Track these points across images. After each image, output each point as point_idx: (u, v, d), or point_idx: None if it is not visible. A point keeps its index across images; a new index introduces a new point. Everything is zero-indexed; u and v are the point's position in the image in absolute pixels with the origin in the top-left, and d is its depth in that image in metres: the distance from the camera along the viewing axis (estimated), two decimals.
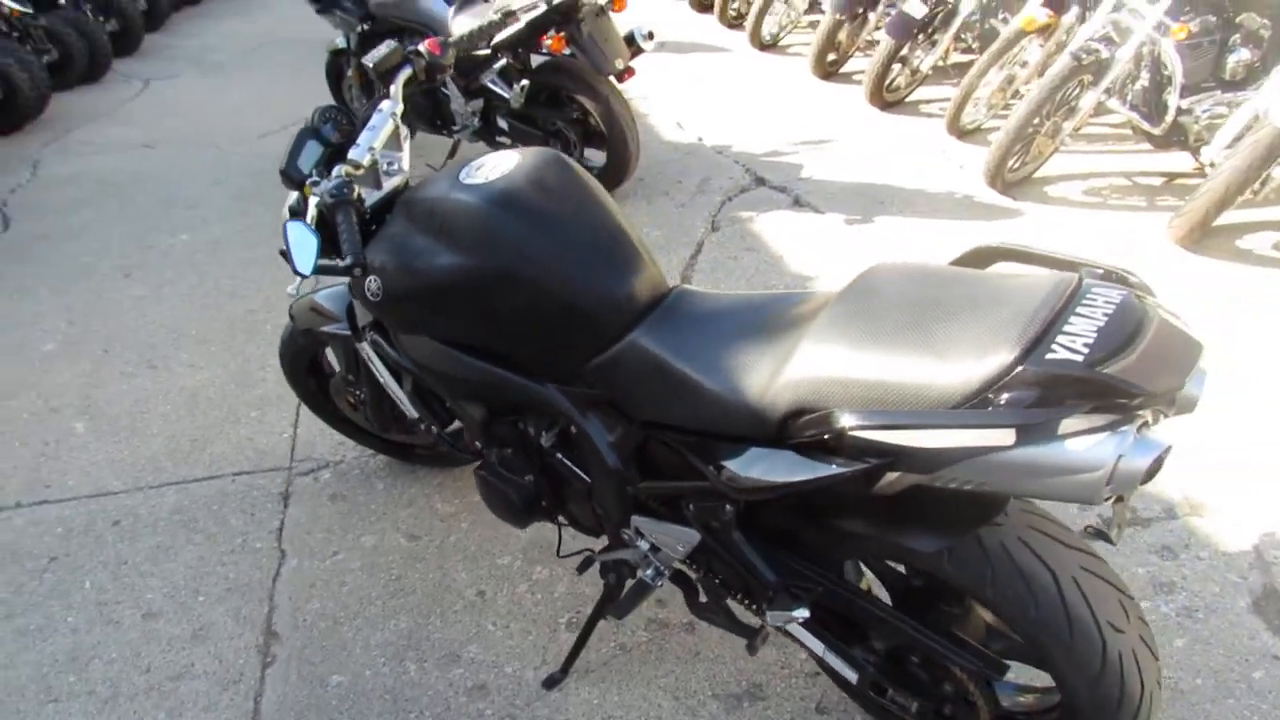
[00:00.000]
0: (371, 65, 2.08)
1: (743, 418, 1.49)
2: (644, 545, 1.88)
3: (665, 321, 1.70)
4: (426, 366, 1.94)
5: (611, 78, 4.32)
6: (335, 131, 2.03)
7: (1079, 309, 1.26)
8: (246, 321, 3.72)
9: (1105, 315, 1.24)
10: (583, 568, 2.06)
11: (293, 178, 1.93)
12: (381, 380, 2.21)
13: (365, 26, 5.01)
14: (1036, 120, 4.30)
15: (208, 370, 3.40)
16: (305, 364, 2.57)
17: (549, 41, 4.20)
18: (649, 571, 1.91)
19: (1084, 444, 1.20)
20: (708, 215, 4.47)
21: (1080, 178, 4.71)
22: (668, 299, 1.76)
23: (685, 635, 2.23)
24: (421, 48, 2.14)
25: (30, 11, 6.72)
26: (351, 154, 1.92)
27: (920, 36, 5.65)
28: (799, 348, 1.43)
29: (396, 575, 2.46)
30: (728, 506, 1.65)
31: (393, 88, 2.09)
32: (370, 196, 1.98)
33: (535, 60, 4.51)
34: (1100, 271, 1.38)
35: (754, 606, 1.76)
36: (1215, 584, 2.28)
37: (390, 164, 2.04)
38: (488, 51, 4.45)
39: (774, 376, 1.45)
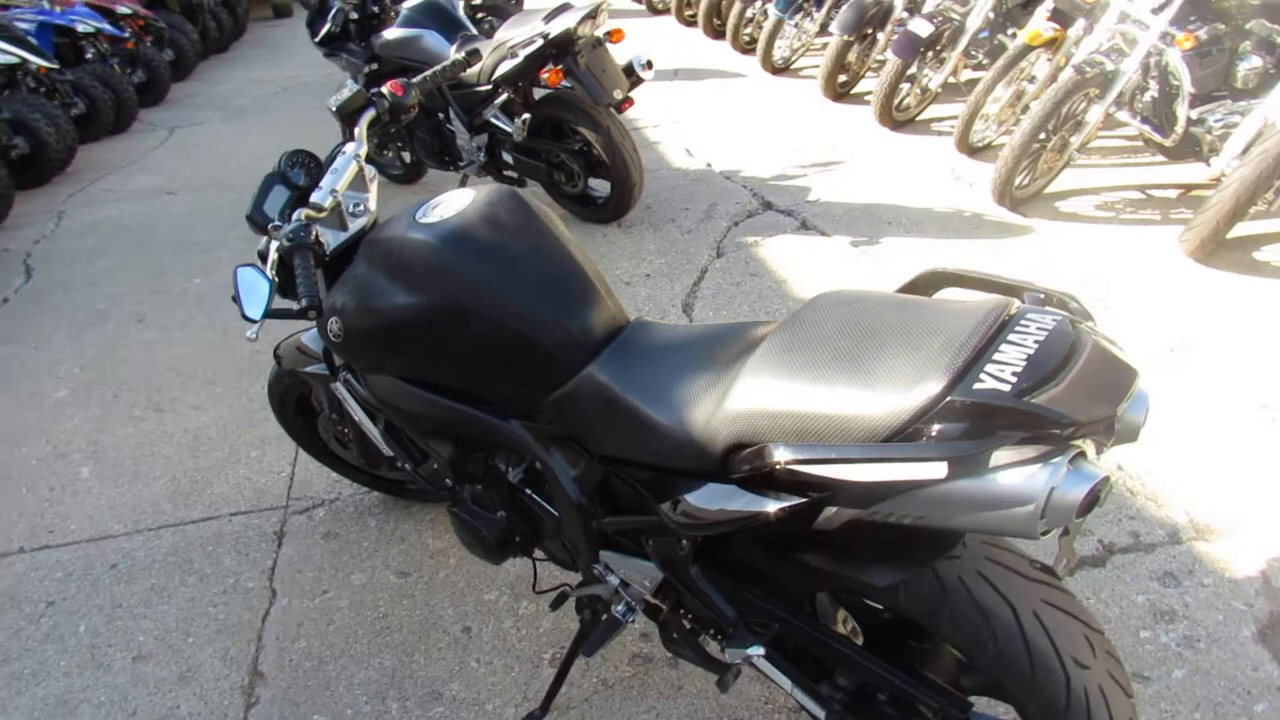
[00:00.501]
0: (335, 109, 2.10)
1: (688, 451, 1.47)
2: (613, 580, 1.86)
3: (619, 355, 1.68)
4: (393, 405, 1.94)
5: (611, 108, 4.34)
6: (303, 175, 2.05)
7: (1011, 336, 1.22)
8: (252, 362, 3.77)
9: (1036, 343, 1.20)
10: (556, 603, 2.04)
11: (258, 222, 1.96)
12: (356, 419, 2.21)
13: (371, 67, 5.10)
14: (1042, 136, 4.25)
15: (212, 411, 3.44)
16: (293, 403, 2.59)
17: (546, 75, 4.22)
18: (620, 607, 1.89)
19: (1015, 476, 1.16)
20: (713, 241, 4.46)
21: (1093, 192, 4.64)
22: (624, 332, 1.75)
23: (668, 670, 2.19)
24: (385, 89, 2.16)
25: (57, 67, 6.92)
26: (313, 197, 1.93)
27: (929, 54, 5.62)
28: (737, 380, 1.41)
29: (384, 613, 2.45)
30: (684, 541, 1.62)
31: (356, 130, 2.11)
32: (336, 238, 2.00)
33: (539, 93, 4.55)
34: (1041, 296, 1.35)
35: (718, 641, 1.73)
36: (1219, 612, 2.21)
37: (356, 205, 2.05)
38: (489, 87, 4.51)
39: (715, 410, 1.43)
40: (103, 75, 7.53)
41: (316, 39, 5.86)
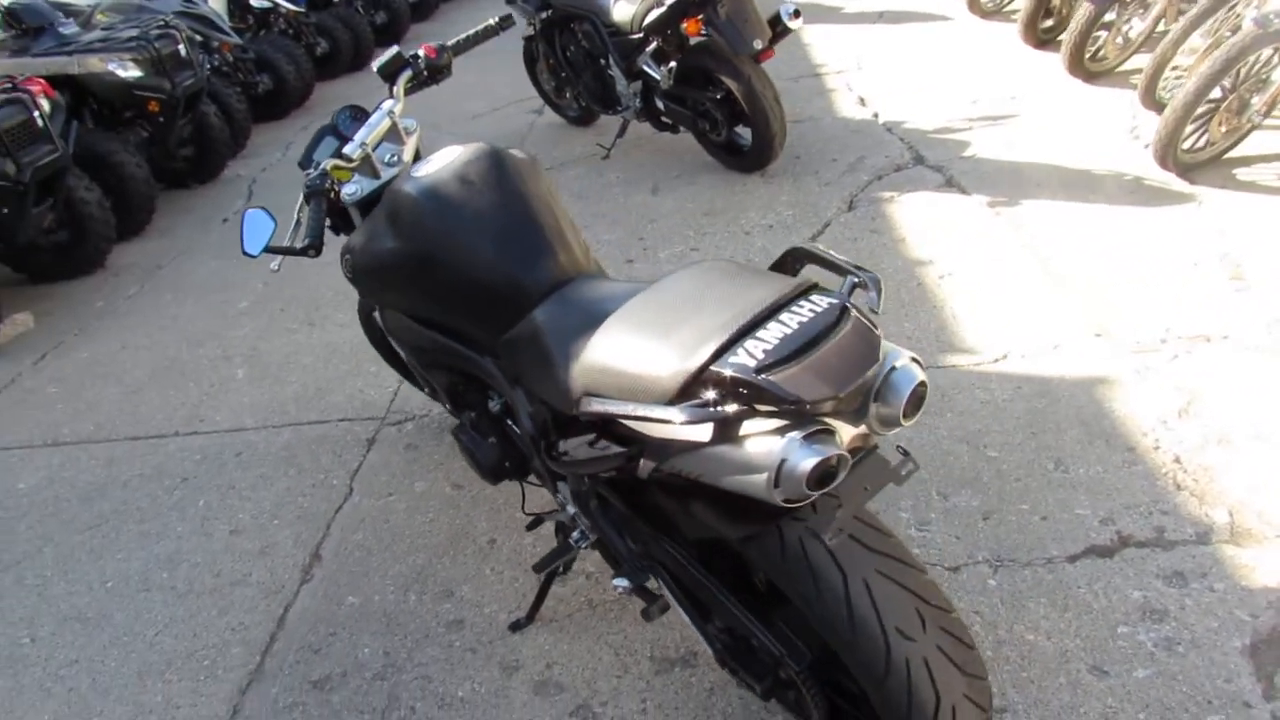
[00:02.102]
0: (377, 69, 2.36)
1: (570, 397, 1.63)
2: (570, 509, 2.04)
3: (557, 304, 1.84)
4: (398, 336, 2.21)
5: (752, 58, 4.36)
6: (352, 127, 2.33)
7: (783, 315, 1.29)
8: None
9: (799, 323, 1.27)
10: (531, 525, 2.26)
11: (302, 166, 2.26)
12: (394, 347, 2.51)
13: (544, 15, 5.37)
14: (1217, 95, 3.86)
15: (352, 330, 3.89)
16: (377, 327, 2.94)
17: (686, 25, 4.31)
18: (576, 533, 2.08)
19: (757, 445, 1.25)
20: (848, 195, 4.42)
21: None
22: (571, 283, 1.90)
23: None
24: (420, 52, 2.39)
25: (303, 10, 7.72)
26: (345, 149, 2.21)
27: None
28: (595, 334, 1.54)
29: (431, 518, 2.77)
30: (585, 479, 1.78)
31: (395, 88, 2.36)
32: (369, 186, 2.27)
33: (695, 41, 4.64)
34: (856, 280, 1.39)
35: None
36: (1215, 619, 2.08)
37: (391, 157, 2.31)
38: (641, 35, 4.65)
39: (579, 360, 1.57)
40: (345, 17, 8.31)
41: None
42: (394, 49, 2.39)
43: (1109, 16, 5.20)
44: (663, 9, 4.39)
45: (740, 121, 4.63)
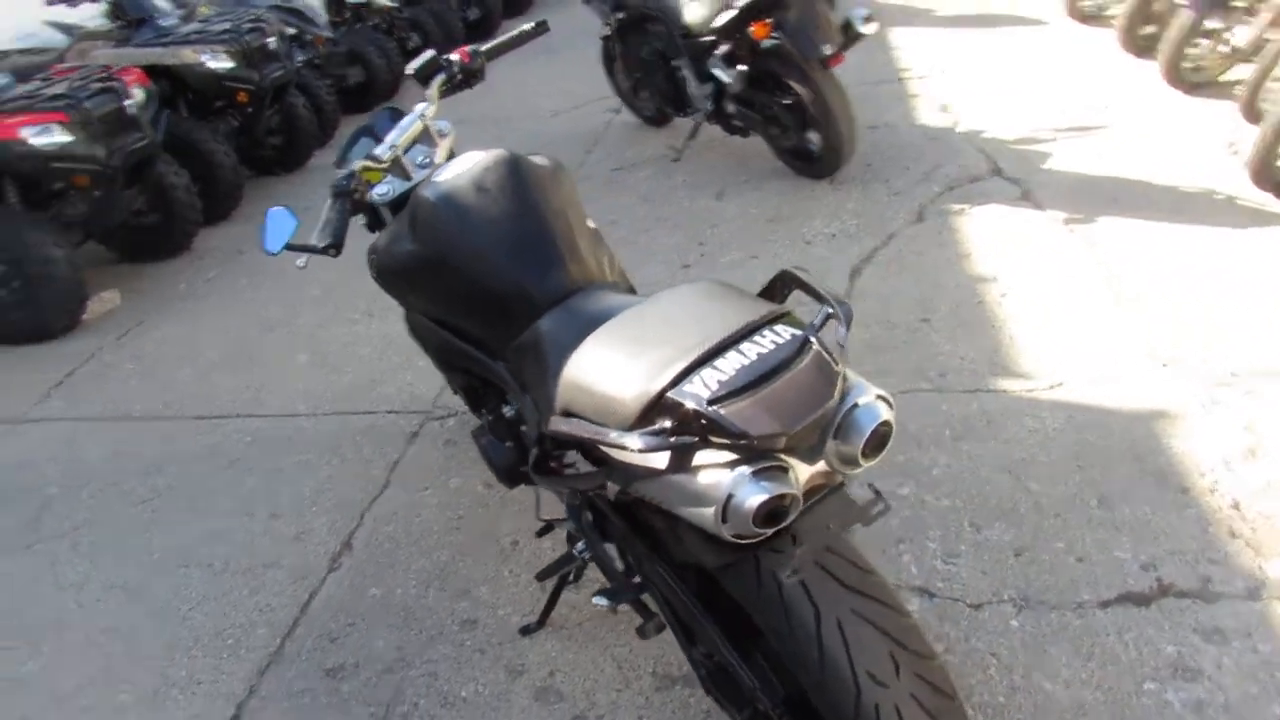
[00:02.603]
0: (411, 72, 2.39)
1: (552, 411, 1.62)
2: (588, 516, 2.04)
3: (562, 314, 1.84)
4: (419, 336, 2.24)
5: (820, 63, 4.29)
6: (388, 129, 2.36)
7: (745, 344, 1.26)
8: None
9: (758, 354, 1.24)
10: (541, 532, 2.27)
11: (338, 167, 2.30)
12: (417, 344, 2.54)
13: (619, 15, 5.37)
14: None
15: None
16: None
17: (753, 28, 4.26)
18: (579, 544, 2.07)
19: (708, 478, 1.22)
20: (917, 206, 4.31)
21: None
22: (579, 294, 1.89)
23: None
24: (454, 56, 2.41)
25: (396, 5, 7.89)
26: (375, 150, 2.24)
27: (1235, 4, 4.89)
28: (578, 350, 1.52)
29: (460, 515, 2.81)
30: (580, 493, 1.78)
31: (429, 91, 2.39)
32: (399, 187, 2.30)
33: (766, 44, 4.58)
34: (829, 311, 1.34)
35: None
36: (1256, 684, 1.96)
37: (423, 159, 2.34)
38: (712, 38, 4.61)
39: (559, 375, 1.56)
40: (438, 12, 8.45)
41: None
42: (429, 53, 2.42)
43: (1211, 24, 4.94)
44: (732, 12, 4.35)
45: (810, 127, 4.55)
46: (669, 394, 1.25)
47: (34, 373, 4.05)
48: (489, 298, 1.91)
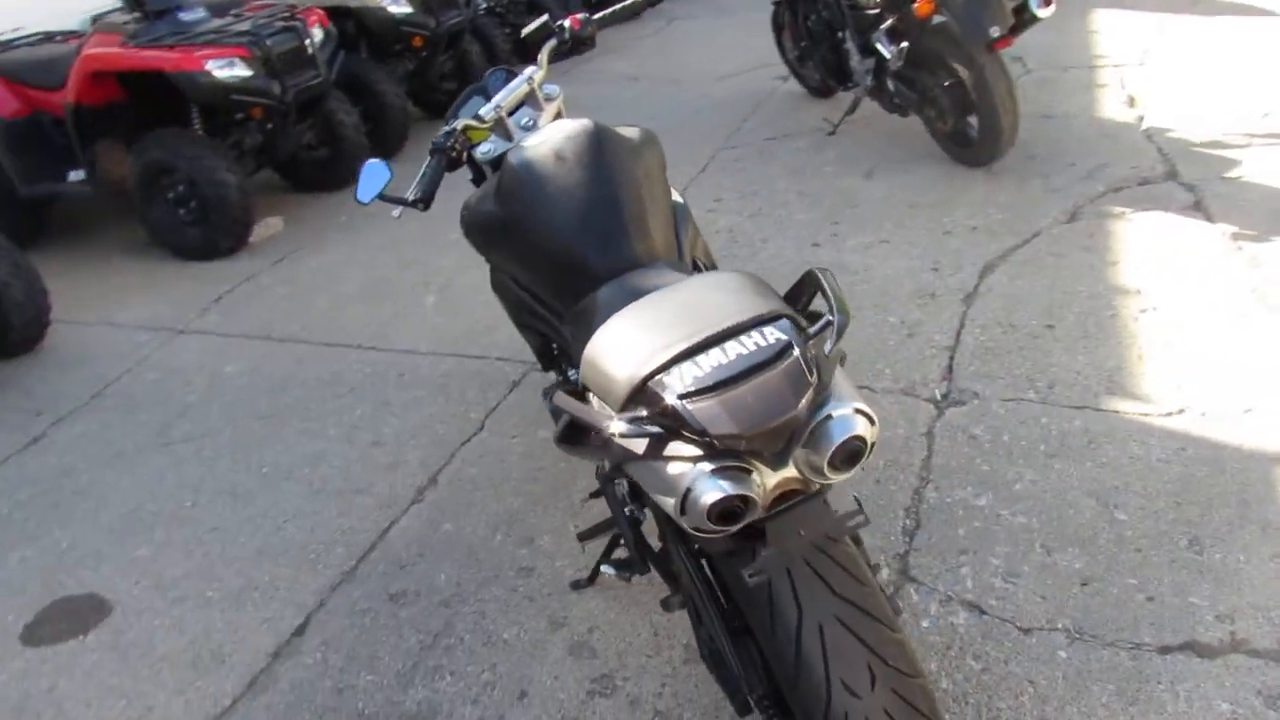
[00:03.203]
0: (524, 35, 2.44)
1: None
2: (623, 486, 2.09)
3: (618, 286, 1.86)
4: (499, 290, 2.32)
5: (986, 46, 4.08)
6: (499, 89, 2.44)
7: (729, 343, 1.26)
8: None
9: (737, 354, 1.23)
10: (593, 495, 2.32)
11: (448, 123, 2.40)
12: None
13: None
14: None
15: None
16: None
17: (916, 4, 4.08)
18: (626, 510, 2.11)
19: (675, 469, 1.23)
20: (1072, 204, 4.06)
21: None
22: (640, 269, 1.91)
23: None
24: (565, 22, 2.44)
25: None
26: (480, 110, 2.32)
27: None
28: (602, 325, 1.54)
29: (540, 466, 2.90)
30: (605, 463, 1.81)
31: (540, 56, 2.43)
32: (500, 147, 2.37)
33: (933, 21, 4.40)
34: (828, 320, 1.31)
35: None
36: None
37: (527, 121, 2.39)
38: (877, 10, 4.47)
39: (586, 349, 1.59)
40: None
41: None
42: (544, 18, 2.47)
43: None
44: None
45: (970, 112, 4.35)
46: (650, 383, 1.27)
47: (199, 287, 4.43)
48: (554, 263, 1.96)
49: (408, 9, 5.60)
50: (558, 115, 2.50)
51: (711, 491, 1.20)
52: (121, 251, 4.98)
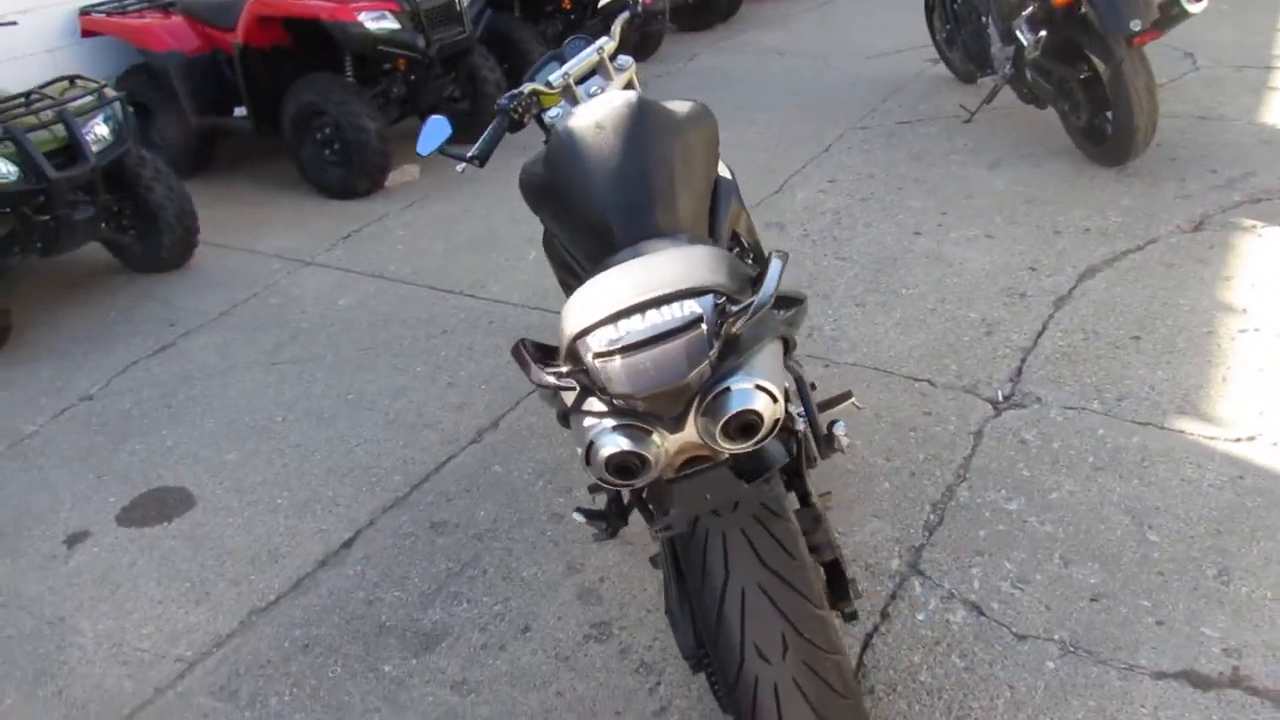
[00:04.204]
0: (600, 6, 2.53)
1: None
2: None
3: (628, 254, 1.94)
4: (548, 248, 2.44)
5: (1127, 40, 3.88)
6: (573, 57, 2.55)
7: (651, 310, 1.33)
8: None
9: (652, 322, 1.31)
10: None
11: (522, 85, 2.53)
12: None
13: None
14: None
15: None
16: None
17: None
18: None
19: (587, 423, 1.33)
20: (1200, 214, 3.83)
21: None
22: (653, 239, 1.99)
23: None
24: None
25: None
26: (550, 76, 2.43)
27: None
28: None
29: None
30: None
31: (613, 27, 2.52)
32: (565, 114, 2.48)
33: (1074, 11, 4.21)
34: (749, 301, 1.35)
35: None
36: None
37: (595, 90, 2.49)
38: None
39: None
40: None
41: None
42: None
43: None
44: None
45: (1106, 107, 4.15)
46: (578, 342, 1.37)
47: (334, 224, 4.77)
48: (586, 227, 2.07)
49: None
50: (628, 84, 2.59)
51: (609, 446, 1.29)
52: (274, 186, 5.40)
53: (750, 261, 2.42)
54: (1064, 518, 2.42)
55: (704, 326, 1.33)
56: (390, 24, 4.70)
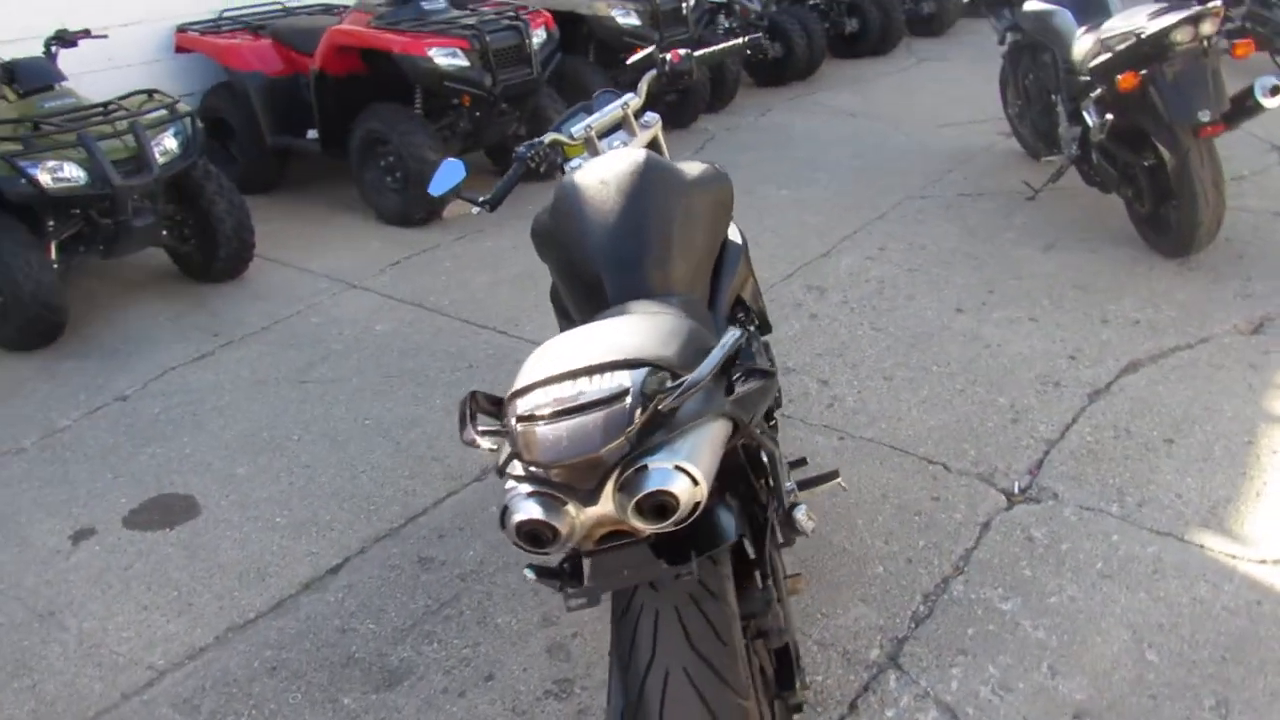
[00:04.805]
0: (628, 64, 2.54)
1: None
2: None
3: (615, 314, 1.94)
4: (552, 299, 2.44)
5: (1194, 131, 3.76)
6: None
7: (584, 379, 1.32)
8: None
9: (579, 391, 1.30)
10: None
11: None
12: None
13: (1015, 37, 5.06)
14: None
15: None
16: None
17: (1121, 77, 3.82)
18: None
19: (506, 485, 1.31)
20: (1259, 316, 3.67)
21: None
22: (643, 300, 1.97)
23: None
24: (666, 55, 2.52)
25: None
26: (573, 128, 2.45)
27: None
28: None
29: None
30: None
31: (640, 84, 2.53)
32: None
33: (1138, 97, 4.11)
34: (683, 380, 1.32)
35: None
36: None
37: (616, 144, 2.51)
38: (1089, 77, 4.22)
39: None
40: (883, 3, 8.37)
41: None
42: (651, 48, 2.56)
43: None
44: (1108, 55, 3.94)
45: (1170, 197, 4.02)
46: (509, 404, 1.36)
47: (385, 249, 4.88)
48: (582, 281, 2.07)
49: (636, 21, 5.85)
50: (652, 143, 2.59)
51: (520, 512, 1.27)
52: (336, 207, 5.54)
53: (754, 329, 2.38)
54: (1060, 624, 2.30)
55: (628, 400, 1.30)
56: (460, 61, 4.82)
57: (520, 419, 1.30)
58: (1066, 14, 4.50)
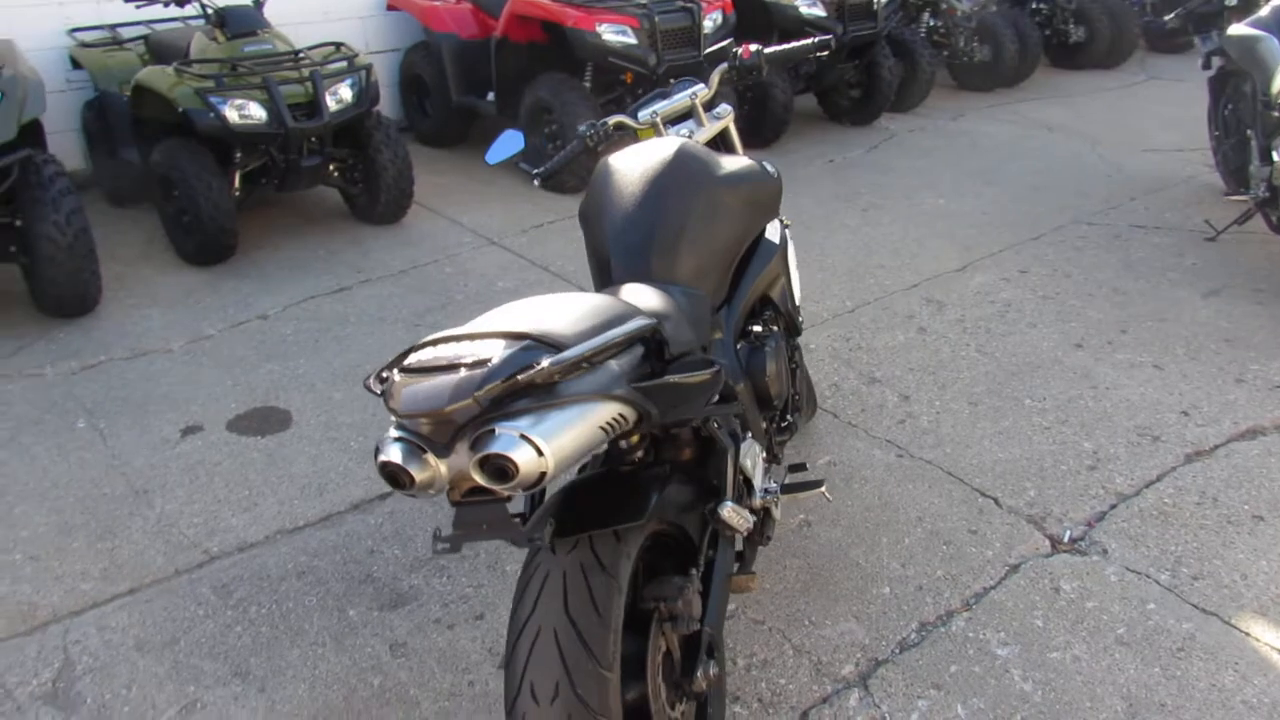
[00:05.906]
0: (702, 56, 2.57)
1: None
2: None
3: (611, 294, 2.03)
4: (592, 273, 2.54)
5: None
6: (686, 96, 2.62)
7: (466, 343, 1.41)
8: (939, 234, 4.32)
9: (454, 353, 1.38)
10: None
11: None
12: None
13: (1220, 63, 4.65)
14: None
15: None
16: None
17: None
18: None
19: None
20: None
21: None
22: (640, 285, 2.04)
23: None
24: (738, 50, 2.52)
25: None
26: (640, 113, 2.53)
27: None
28: None
29: None
30: None
31: (711, 76, 2.56)
32: None
33: None
34: (546, 361, 1.38)
35: None
36: None
37: (683, 132, 2.55)
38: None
39: None
40: (1114, 9, 7.80)
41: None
42: (728, 40, 2.58)
43: None
44: None
45: None
46: (405, 355, 1.47)
47: (534, 211, 5.13)
48: (594, 258, 2.17)
49: (820, 12, 5.77)
50: (723, 135, 2.63)
51: (384, 454, 1.38)
52: (503, 168, 5.82)
53: (776, 330, 2.38)
54: (1051, 680, 2.19)
55: (487, 368, 1.38)
56: (627, 39, 4.95)
57: (401, 370, 1.42)
58: (1273, 41, 4.08)
